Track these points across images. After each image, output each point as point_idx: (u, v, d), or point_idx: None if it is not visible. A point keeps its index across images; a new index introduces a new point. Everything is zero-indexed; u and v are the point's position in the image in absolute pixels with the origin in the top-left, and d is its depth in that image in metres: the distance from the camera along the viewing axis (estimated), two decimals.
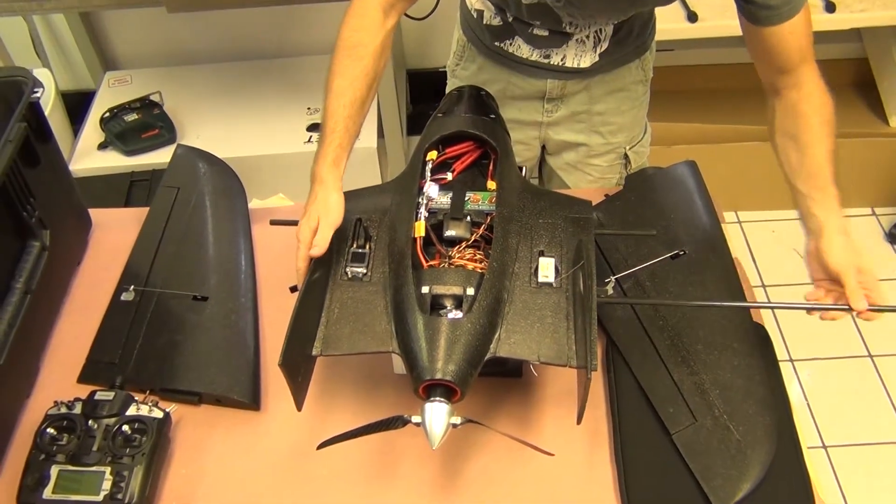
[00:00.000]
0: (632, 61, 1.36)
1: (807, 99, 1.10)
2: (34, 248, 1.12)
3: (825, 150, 1.08)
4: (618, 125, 1.42)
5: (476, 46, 1.39)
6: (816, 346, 2.16)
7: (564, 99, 1.37)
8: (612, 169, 1.47)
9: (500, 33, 1.32)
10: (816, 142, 1.08)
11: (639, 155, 1.48)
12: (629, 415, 1.01)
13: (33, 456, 0.97)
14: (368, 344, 0.94)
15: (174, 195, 1.33)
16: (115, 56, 2.63)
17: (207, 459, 1.02)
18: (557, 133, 1.43)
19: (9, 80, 1.13)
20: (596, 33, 1.27)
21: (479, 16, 1.33)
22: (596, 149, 1.44)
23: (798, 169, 1.09)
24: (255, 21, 2.51)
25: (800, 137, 1.09)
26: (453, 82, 1.47)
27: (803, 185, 1.08)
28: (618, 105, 1.39)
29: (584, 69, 1.32)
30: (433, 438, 0.86)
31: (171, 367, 1.09)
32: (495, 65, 1.37)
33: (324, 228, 0.98)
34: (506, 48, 1.33)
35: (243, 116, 2.34)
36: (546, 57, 1.30)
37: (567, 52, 1.30)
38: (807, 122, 1.09)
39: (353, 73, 1.05)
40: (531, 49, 1.31)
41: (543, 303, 0.96)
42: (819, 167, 1.07)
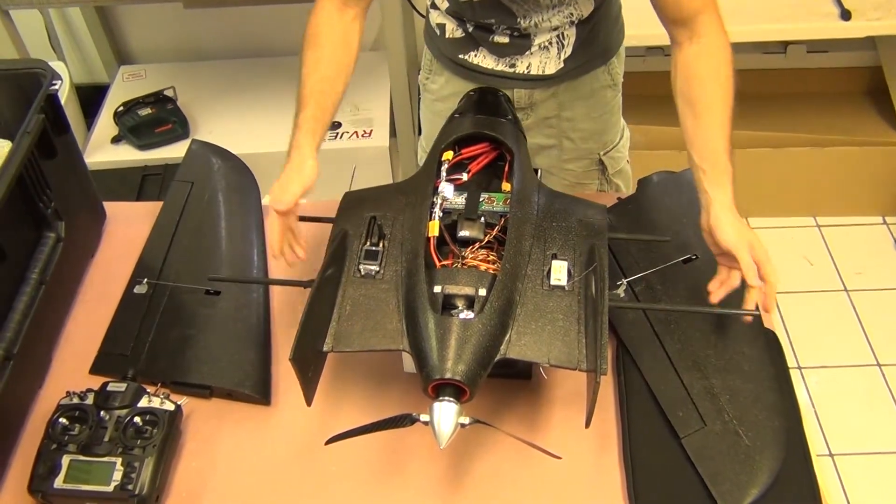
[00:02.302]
0: (598, 67, 1.35)
1: (705, 56, 1.08)
2: (49, 240, 1.12)
3: (720, 119, 1.05)
4: (588, 131, 1.41)
5: (441, 61, 1.39)
6: (824, 353, 2.16)
7: (533, 107, 1.37)
8: (589, 175, 1.47)
9: (462, 45, 1.32)
10: (711, 110, 1.06)
11: (615, 160, 1.46)
12: (638, 418, 1.01)
13: (45, 445, 0.98)
14: (379, 341, 0.95)
15: (188, 190, 1.34)
16: (130, 50, 2.64)
17: (217, 452, 1.03)
18: (530, 137, 1.42)
19: (27, 72, 1.14)
20: (559, 38, 1.27)
21: (441, 30, 1.34)
22: (568, 153, 1.43)
23: (693, 138, 1.07)
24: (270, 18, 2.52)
25: (696, 103, 1.07)
26: (426, 96, 1.48)
27: (696, 155, 1.06)
28: (587, 111, 1.38)
29: (550, 76, 1.31)
30: (441, 437, 0.87)
31: (183, 360, 1.10)
32: (461, 78, 1.37)
33: (293, 185, 1.04)
34: (470, 60, 1.33)
35: (256, 113, 2.35)
36: (511, 66, 1.30)
37: (532, 60, 1.29)
38: (702, 87, 1.07)
39: (314, 60, 1.13)
40: (496, 59, 1.31)
41: (555, 306, 0.96)
42: (712, 139, 1.05)
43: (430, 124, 1.51)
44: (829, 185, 2.42)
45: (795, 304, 2.27)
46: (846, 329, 2.23)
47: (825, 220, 2.48)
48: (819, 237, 2.45)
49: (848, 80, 2.51)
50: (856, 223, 2.47)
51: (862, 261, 2.38)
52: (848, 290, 2.31)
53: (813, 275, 2.36)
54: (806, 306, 2.27)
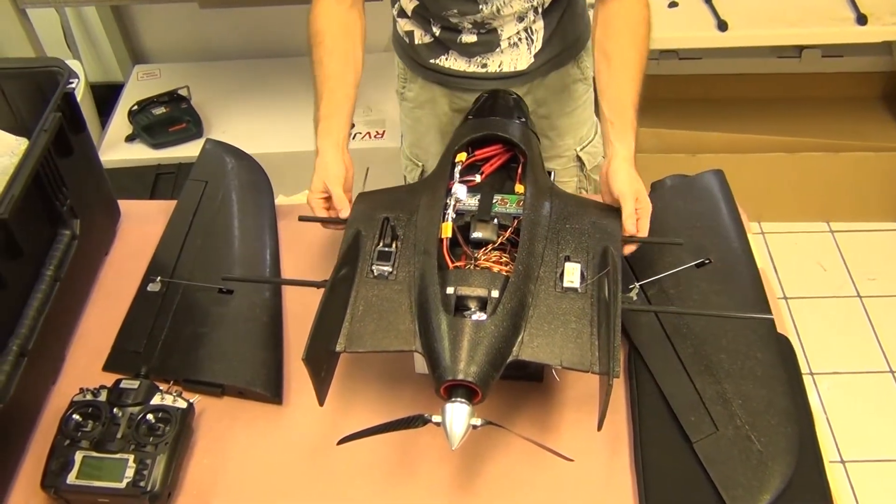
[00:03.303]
0: (568, 62, 1.37)
1: (624, 14, 1.14)
2: (65, 237, 1.13)
3: (632, 75, 1.12)
4: (563, 127, 1.43)
5: (414, 69, 1.40)
6: (837, 359, 2.15)
7: None
8: (568, 172, 1.48)
9: (432, 50, 1.34)
10: (624, 64, 1.13)
11: (592, 156, 1.48)
12: (650, 422, 1.01)
13: (58, 441, 0.98)
14: (392, 342, 0.95)
15: (202, 189, 1.34)
16: (145, 50, 2.66)
17: (229, 451, 1.03)
18: None
19: (45, 70, 1.14)
20: (527, 33, 1.29)
21: (410, 37, 1.35)
22: (546, 151, 1.43)
23: (605, 90, 1.14)
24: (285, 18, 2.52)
25: (611, 56, 1.14)
26: (404, 105, 1.50)
27: (607, 108, 1.13)
28: (560, 107, 1.41)
29: (522, 72, 1.33)
30: (453, 439, 0.87)
31: (196, 358, 1.10)
32: (435, 83, 1.38)
33: (334, 189, 1.10)
34: (441, 64, 1.34)
35: (270, 113, 2.36)
36: (483, 66, 1.32)
37: (503, 59, 1.31)
38: (618, 41, 1.14)
39: (318, 58, 1.18)
40: (467, 61, 1.32)
41: (568, 308, 0.96)
42: (623, 93, 1.12)
43: (412, 132, 1.52)
44: (843, 190, 2.40)
45: (808, 310, 2.26)
46: (859, 335, 2.21)
47: (839, 226, 2.47)
48: (832, 242, 2.44)
49: (863, 84, 2.50)
50: (869, 229, 2.45)
51: (875, 266, 2.37)
52: (861, 295, 2.30)
53: (826, 280, 2.35)
54: (818, 312, 2.26)
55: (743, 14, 2.14)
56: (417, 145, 1.51)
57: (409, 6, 1.30)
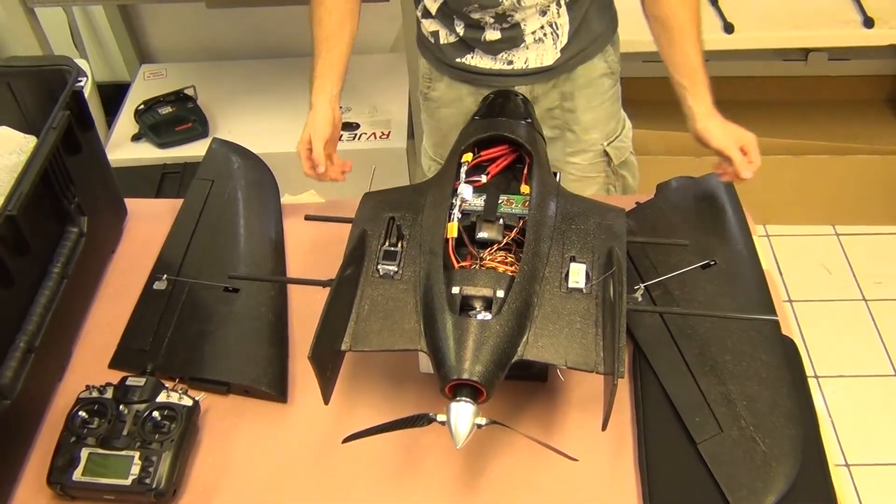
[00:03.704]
0: (595, 56, 1.38)
1: None
2: (72, 234, 1.14)
3: (693, 38, 1.20)
4: (590, 121, 1.43)
5: (439, 68, 1.42)
6: (842, 363, 2.14)
7: (535, 101, 1.39)
8: (595, 167, 1.48)
9: (457, 49, 1.36)
10: (681, 27, 1.20)
11: (619, 150, 1.48)
12: (654, 422, 1.01)
13: (64, 438, 0.99)
14: (397, 341, 0.95)
15: (208, 188, 1.35)
16: (152, 49, 2.67)
17: (234, 449, 1.04)
18: None
19: (53, 68, 1.15)
20: (552, 27, 1.30)
21: (435, 37, 1.37)
22: (571, 145, 1.45)
23: (671, 58, 1.22)
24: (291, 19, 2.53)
25: (665, 22, 1.21)
26: (427, 105, 1.51)
27: (676, 73, 1.22)
28: (587, 101, 1.41)
29: (549, 67, 1.34)
30: (458, 438, 0.87)
31: (201, 356, 1.11)
32: (461, 82, 1.40)
33: (316, 145, 1.25)
34: (467, 63, 1.36)
35: (276, 113, 2.36)
36: (509, 63, 1.33)
37: (528, 55, 1.32)
38: (672, 9, 1.20)
39: (318, 16, 1.27)
40: (492, 58, 1.34)
41: (573, 308, 0.96)
42: (689, 57, 1.20)
43: (436, 132, 1.53)
44: (849, 193, 2.40)
45: (813, 313, 2.26)
46: (864, 338, 2.21)
47: (844, 229, 2.47)
48: (838, 246, 2.43)
49: (869, 88, 2.50)
50: (875, 232, 2.45)
51: (881, 270, 2.37)
52: (866, 299, 2.30)
53: (831, 284, 2.35)
54: (824, 315, 2.26)
55: (749, 16, 2.14)
56: (442, 145, 1.52)
57: (433, 6, 1.31)
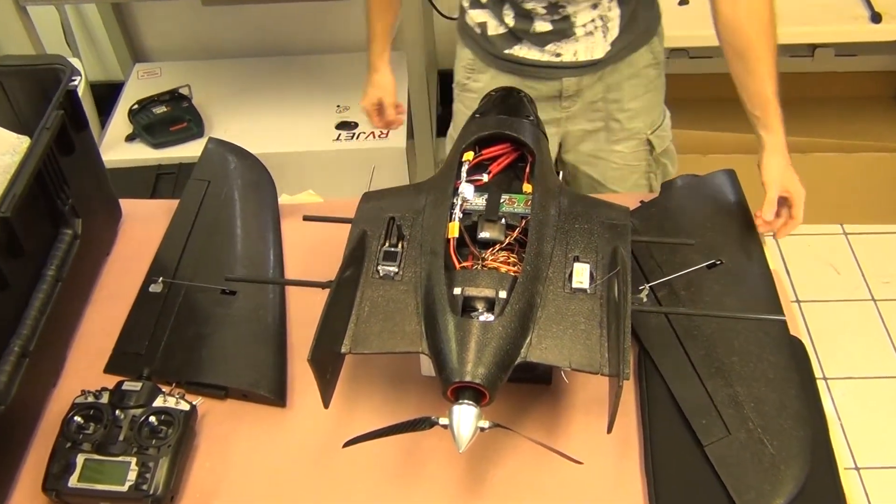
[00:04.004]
0: (641, 46, 1.40)
1: (747, 2, 1.18)
2: (66, 237, 1.14)
3: (768, 67, 1.20)
4: (634, 110, 1.45)
5: (484, 59, 1.44)
6: (851, 364, 2.14)
7: (580, 93, 1.41)
8: (637, 156, 1.50)
9: (505, 41, 1.38)
10: (758, 57, 1.20)
11: (661, 140, 1.50)
12: (660, 425, 1.01)
13: (59, 444, 0.99)
14: (398, 344, 0.95)
15: (204, 188, 1.35)
16: (145, 48, 2.67)
17: (232, 454, 1.04)
18: (576, 124, 1.47)
19: (46, 67, 1.15)
20: (602, 20, 1.31)
21: (482, 28, 1.39)
22: (615, 133, 1.47)
23: (745, 86, 1.22)
24: (287, 17, 2.54)
25: (742, 52, 1.21)
26: (466, 96, 1.51)
27: (749, 103, 1.23)
28: (632, 91, 1.43)
29: (598, 60, 1.36)
30: (460, 441, 0.87)
31: (198, 360, 1.11)
32: (508, 73, 1.41)
33: (387, 110, 1.49)
34: (515, 54, 1.38)
35: (272, 112, 2.37)
36: (557, 55, 1.35)
37: (577, 47, 1.34)
38: (746, 35, 1.20)
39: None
40: (540, 50, 1.36)
41: (577, 309, 0.96)
42: (763, 87, 1.20)
43: None
44: (857, 191, 2.40)
45: (821, 314, 2.26)
46: (873, 339, 2.21)
47: (852, 228, 2.47)
48: (846, 245, 2.44)
49: (877, 84, 2.50)
50: (884, 231, 2.45)
51: (890, 269, 2.37)
52: (875, 299, 2.30)
53: (839, 283, 2.35)
54: (832, 315, 2.26)
55: None
56: None
57: None
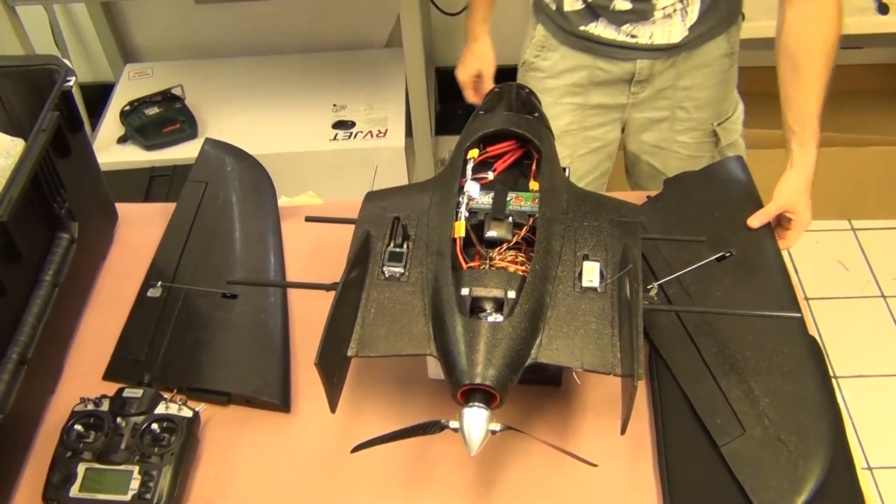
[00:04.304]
0: (720, 34, 1.41)
1: (817, 19, 1.18)
2: (63, 241, 1.14)
3: (819, 84, 1.19)
4: (703, 100, 1.47)
5: (557, 36, 1.45)
6: (861, 362, 2.15)
7: (651, 79, 1.43)
8: (702, 147, 1.51)
9: (582, 17, 1.40)
10: (814, 73, 1.19)
11: (729, 132, 1.51)
12: (673, 425, 1.01)
13: (59, 453, 0.99)
14: (405, 346, 0.95)
15: (202, 190, 1.35)
16: (136, 48, 2.67)
17: (236, 461, 1.04)
18: (641, 111, 1.49)
19: (41, 68, 1.15)
20: (682, 3, 1.32)
21: (558, 4, 1.41)
22: (681, 123, 1.48)
23: (790, 98, 1.22)
24: (281, 15, 2.54)
25: (800, 63, 1.20)
26: (531, 76, 1.53)
27: (790, 116, 1.22)
28: (703, 80, 1.44)
29: (674, 45, 1.37)
30: (472, 445, 0.87)
31: (199, 365, 1.11)
32: (579, 51, 1.44)
33: (486, 81, 1.48)
34: (590, 32, 1.40)
35: (267, 112, 2.37)
36: (632, 37, 1.37)
37: (654, 30, 1.36)
38: (809, 47, 1.19)
39: None
40: (616, 29, 1.37)
41: (587, 308, 0.96)
42: (808, 102, 1.20)
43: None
44: (865, 186, 2.41)
45: (830, 311, 2.26)
46: (884, 337, 2.22)
47: (860, 224, 2.47)
48: (854, 241, 2.44)
49: (884, 77, 2.51)
50: (893, 226, 2.46)
51: None
52: (885, 296, 2.31)
53: (848, 280, 2.35)
54: (841, 313, 2.26)
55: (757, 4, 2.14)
56: None
57: None
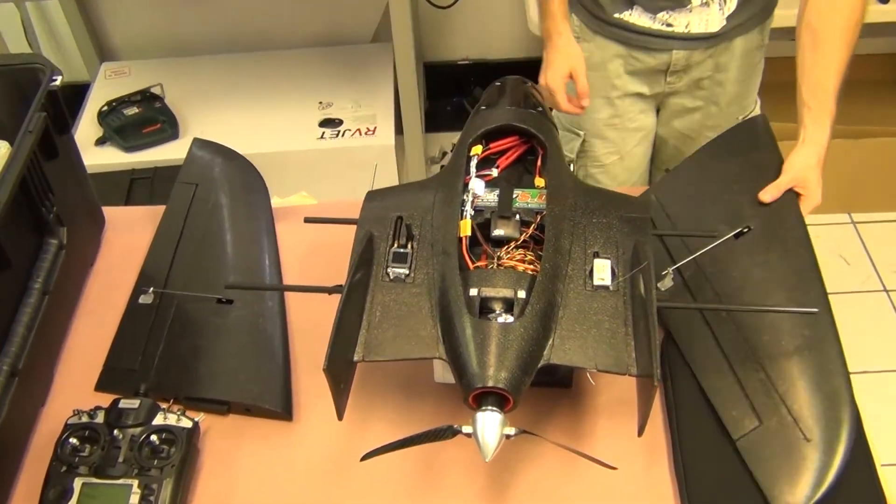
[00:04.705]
0: (756, 27, 1.43)
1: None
2: (52, 247, 1.12)
3: (839, 61, 1.19)
4: (735, 94, 1.49)
5: (591, 25, 1.46)
6: (866, 358, 2.16)
7: (688, 69, 1.44)
8: None
9: (617, 5, 1.41)
10: (833, 48, 1.19)
11: None
12: (690, 424, 1.01)
13: (54, 468, 0.98)
14: (413, 349, 0.95)
15: (192, 192, 1.34)
16: (113, 46, 2.65)
17: (238, 472, 1.03)
18: (677, 98, 1.50)
19: (24, 67, 1.14)
20: None
21: None
22: (712, 118, 1.50)
23: (808, 72, 1.21)
24: (263, 10, 2.53)
25: (820, 38, 1.20)
26: None
27: (806, 91, 1.20)
28: (738, 73, 1.46)
29: (711, 35, 1.39)
30: (486, 450, 0.87)
31: (197, 374, 1.10)
32: (613, 41, 1.44)
33: (581, 78, 1.36)
34: (625, 19, 1.41)
35: (251, 111, 2.36)
36: (668, 25, 1.38)
37: (691, 19, 1.37)
38: (831, 22, 1.19)
39: None
40: (651, 17, 1.38)
41: (600, 307, 0.96)
42: (826, 78, 1.19)
43: None
44: (865, 178, 2.43)
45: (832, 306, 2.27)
46: (887, 332, 2.24)
47: (861, 217, 2.49)
48: (855, 234, 2.46)
49: (883, 67, 2.53)
50: (893, 219, 2.48)
51: None
52: (888, 290, 2.33)
53: (850, 275, 2.37)
54: (843, 308, 2.24)
55: None
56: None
57: None
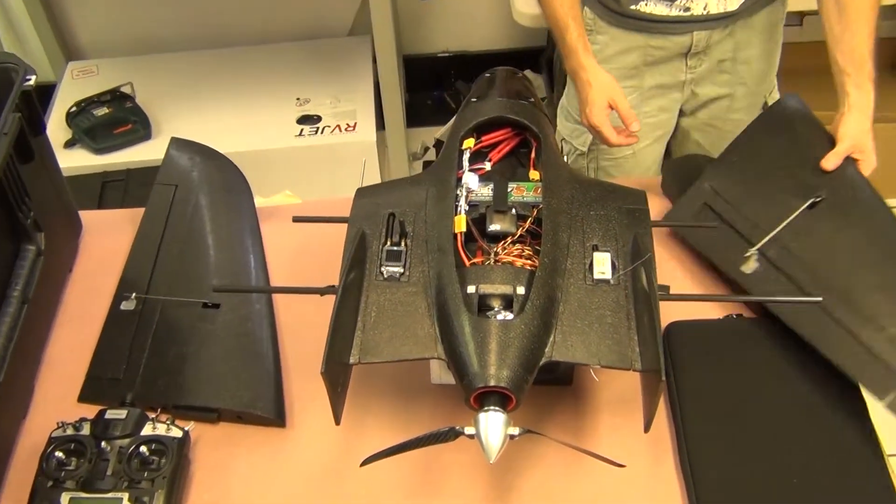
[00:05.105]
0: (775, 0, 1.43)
1: None
2: (30, 253, 1.12)
3: (868, 25, 1.23)
4: (762, 72, 1.50)
5: (605, 18, 1.46)
6: None
7: (708, 51, 1.44)
8: None
9: None
10: (859, 12, 1.23)
11: None
12: (694, 419, 1.02)
13: (39, 483, 0.97)
14: (411, 350, 0.95)
15: (171, 194, 1.33)
16: (79, 44, 2.63)
17: (231, 482, 1.03)
18: (701, 88, 1.51)
19: None
20: None
21: None
22: (739, 101, 1.51)
23: (839, 41, 1.24)
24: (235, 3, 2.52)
25: (847, 7, 1.23)
26: None
27: (841, 58, 1.24)
28: (761, 50, 1.47)
29: (731, 13, 1.39)
30: (490, 451, 0.87)
31: (184, 381, 1.09)
32: (630, 32, 1.45)
33: (622, 103, 1.27)
34: (641, 10, 1.41)
35: (225, 109, 2.35)
36: (686, 10, 1.38)
37: (708, 0, 1.37)
38: None
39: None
40: (667, 5, 1.38)
41: (601, 301, 0.97)
42: (860, 43, 1.22)
43: None
44: None
45: None
46: None
47: None
48: None
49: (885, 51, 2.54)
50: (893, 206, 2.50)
51: None
52: None
53: None
54: None
55: None
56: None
57: None
